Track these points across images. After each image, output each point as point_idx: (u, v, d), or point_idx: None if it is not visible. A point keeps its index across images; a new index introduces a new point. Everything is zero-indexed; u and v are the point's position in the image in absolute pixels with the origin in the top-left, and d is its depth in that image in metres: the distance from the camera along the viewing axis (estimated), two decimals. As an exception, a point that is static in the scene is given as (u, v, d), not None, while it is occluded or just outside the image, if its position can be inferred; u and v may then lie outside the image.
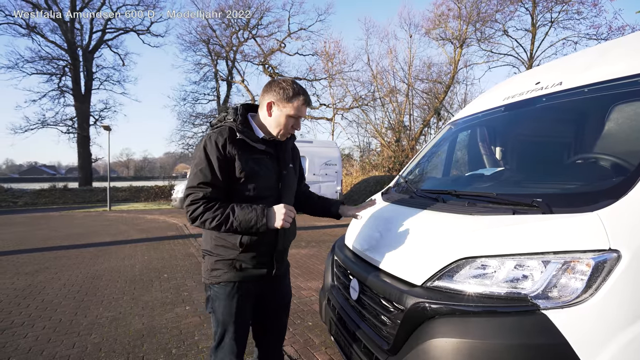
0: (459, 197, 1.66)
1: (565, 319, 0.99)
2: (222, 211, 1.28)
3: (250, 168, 1.33)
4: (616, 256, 1.01)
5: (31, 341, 2.61)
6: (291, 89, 1.37)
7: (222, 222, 1.27)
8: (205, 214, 1.27)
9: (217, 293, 1.40)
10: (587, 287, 1.01)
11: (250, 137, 1.34)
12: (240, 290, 1.41)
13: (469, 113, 2.52)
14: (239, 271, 1.39)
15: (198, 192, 1.29)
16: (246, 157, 1.33)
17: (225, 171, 1.30)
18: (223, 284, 1.39)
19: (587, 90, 1.63)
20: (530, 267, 1.11)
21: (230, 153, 1.30)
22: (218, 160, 1.28)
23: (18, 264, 5.00)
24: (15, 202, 16.32)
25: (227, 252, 1.37)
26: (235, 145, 1.31)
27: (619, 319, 0.98)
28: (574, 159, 1.69)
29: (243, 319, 1.44)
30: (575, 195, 1.30)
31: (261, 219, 1.27)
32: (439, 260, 1.28)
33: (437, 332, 1.13)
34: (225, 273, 1.39)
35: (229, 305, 1.39)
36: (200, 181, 1.29)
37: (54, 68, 21.34)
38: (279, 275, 1.53)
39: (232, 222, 1.27)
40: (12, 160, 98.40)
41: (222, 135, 1.31)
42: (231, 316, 1.39)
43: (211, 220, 1.27)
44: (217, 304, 1.41)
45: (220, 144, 1.29)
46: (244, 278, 1.41)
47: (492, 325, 1.06)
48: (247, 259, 1.39)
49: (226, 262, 1.38)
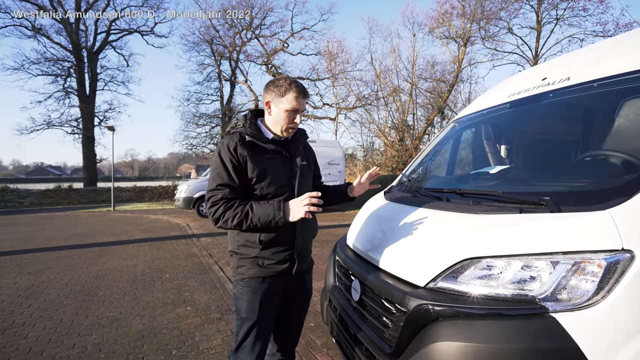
0: (463, 195, 1.62)
1: (575, 323, 0.95)
2: (241, 209, 1.34)
3: (262, 168, 1.39)
4: (629, 257, 0.97)
5: (32, 341, 2.60)
6: (284, 84, 1.41)
7: (242, 220, 1.33)
8: (226, 214, 1.34)
9: (241, 290, 1.45)
10: (598, 289, 0.96)
11: (259, 138, 1.41)
12: (264, 285, 1.44)
13: (473, 110, 2.47)
14: (262, 268, 1.44)
15: (217, 193, 1.35)
16: (257, 157, 1.39)
17: (239, 172, 1.37)
18: (247, 280, 1.44)
19: (597, 85, 1.58)
20: (538, 268, 1.07)
21: (242, 155, 1.37)
22: (232, 162, 1.36)
23: (21, 264, 5.02)
24: (21, 203, 16.47)
25: (249, 250, 1.43)
26: (246, 147, 1.38)
27: (632, 323, 0.93)
28: (583, 156, 1.64)
29: (266, 317, 1.46)
30: (585, 193, 1.25)
31: (278, 213, 1.32)
32: (442, 261, 1.24)
33: (441, 336, 1.09)
34: (249, 269, 1.44)
35: (252, 300, 1.42)
36: (217, 183, 1.36)
37: (59, 69, 21.52)
38: (301, 272, 1.56)
39: (252, 219, 1.33)
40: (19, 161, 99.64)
41: (233, 140, 1.39)
42: (254, 312, 1.42)
43: (232, 219, 1.33)
44: (240, 300, 1.44)
45: (232, 148, 1.37)
46: (268, 274, 1.45)
47: (498, 329, 1.02)
48: (268, 255, 1.43)
49: (250, 260, 1.44)
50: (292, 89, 1.40)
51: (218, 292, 3.67)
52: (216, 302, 3.40)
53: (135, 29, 23.54)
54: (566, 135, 1.81)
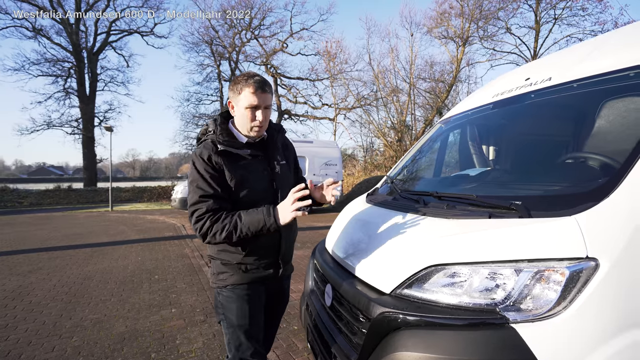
0: (440, 199, 1.58)
1: (535, 334, 0.90)
2: (229, 220, 1.27)
3: (240, 175, 1.33)
4: (594, 265, 0.92)
5: (11, 344, 2.57)
6: (241, 80, 1.33)
7: (231, 231, 1.26)
8: (214, 227, 1.26)
9: (228, 297, 1.39)
10: (560, 298, 0.92)
11: (232, 145, 1.34)
12: (250, 290, 1.40)
13: (459, 111, 2.43)
14: (246, 273, 1.39)
15: (201, 206, 1.28)
16: (233, 165, 1.33)
17: (218, 181, 1.30)
18: (231, 286, 1.38)
19: (576, 85, 1.54)
20: (503, 277, 1.02)
21: (218, 163, 1.30)
22: (208, 172, 1.29)
23: (12, 265, 5.01)
24: (21, 203, 16.53)
25: (231, 256, 1.37)
26: (221, 155, 1.32)
27: (595, 335, 0.88)
28: (562, 159, 1.59)
29: (258, 319, 1.42)
30: (556, 197, 1.21)
31: (269, 219, 1.26)
32: (408, 267, 1.20)
33: (401, 345, 1.05)
34: (232, 276, 1.38)
35: (241, 306, 1.37)
36: (199, 195, 1.28)
37: (59, 70, 21.62)
38: (284, 278, 1.55)
39: (242, 229, 1.26)
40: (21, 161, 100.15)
41: (206, 149, 1.32)
42: (245, 317, 1.36)
43: (220, 232, 1.26)
44: (228, 308, 1.38)
45: (206, 157, 1.30)
46: (252, 280, 1.40)
47: (458, 340, 0.98)
48: (252, 261, 1.38)
49: (232, 266, 1.38)
50: (247, 84, 1.30)
51: (205, 294, 3.64)
52: (202, 304, 3.36)
53: (135, 29, 23.63)
54: (547, 136, 1.76)
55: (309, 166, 11.32)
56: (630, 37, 1.53)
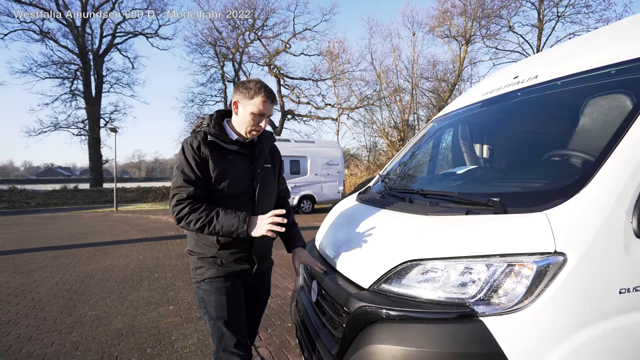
0: (425, 196, 1.60)
1: (501, 327, 0.92)
2: (206, 214, 1.33)
3: (222, 168, 1.39)
4: (562, 260, 0.94)
5: (13, 339, 2.65)
6: (254, 87, 1.41)
7: (205, 224, 1.33)
8: (191, 215, 1.34)
9: (206, 290, 1.44)
10: (527, 292, 0.94)
11: (222, 139, 1.41)
12: (227, 282, 1.45)
13: (452, 109, 2.45)
14: (222, 267, 1.44)
15: (182, 192, 1.35)
16: (218, 157, 1.39)
17: (202, 170, 1.38)
18: (208, 280, 1.43)
19: (560, 83, 1.55)
20: (475, 271, 1.04)
21: (205, 154, 1.38)
22: (195, 160, 1.36)
23: (17, 263, 5.12)
24: (28, 203, 16.83)
25: (207, 249, 1.44)
26: (208, 147, 1.39)
27: (560, 328, 0.90)
28: (545, 156, 1.60)
29: (237, 311, 1.46)
30: (532, 194, 1.22)
31: (242, 226, 1.33)
32: (386, 263, 1.22)
33: (376, 339, 1.08)
34: (208, 270, 1.44)
35: (219, 298, 1.42)
36: (183, 179, 1.36)
37: (65, 72, 21.97)
38: (261, 272, 1.57)
39: (215, 226, 1.33)
40: (30, 162, 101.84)
41: (196, 139, 1.39)
42: (224, 309, 1.42)
43: (195, 222, 1.33)
44: (207, 301, 1.44)
45: (195, 146, 1.38)
46: (228, 273, 1.45)
47: (429, 332, 1.00)
48: (226, 255, 1.44)
49: (208, 259, 1.44)
50: (260, 93, 1.40)
51: (203, 292, 3.69)
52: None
53: (140, 31, 23.89)
54: (530, 134, 1.77)
55: (310, 166, 11.34)
56: (614, 34, 1.53)
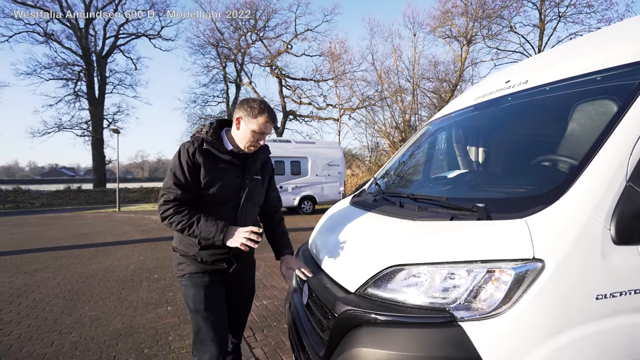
0: (416, 200, 1.62)
1: (479, 332, 0.94)
2: (188, 218, 1.42)
3: (213, 176, 1.46)
4: (540, 266, 0.96)
5: (14, 339, 2.70)
6: (257, 107, 1.48)
7: (186, 227, 1.42)
8: (174, 217, 1.43)
9: (186, 285, 1.53)
10: (505, 298, 0.96)
11: (217, 148, 1.48)
12: (205, 278, 1.53)
13: (446, 112, 2.46)
14: (201, 264, 1.53)
15: (170, 193, 1.43)
16: (210, 165, 1.47)
17: (193, 176, 1.45)
18: (188, 275, 1.52)
19: (549, 89, 1.57)
20: (457, 277, 1.06)
21: (198, 161, 1.44)
22: (188, 165, 1.43)
23: (20, 263, 5.19)
24: (32, 203, 16.99)
25: (189, 248, 1.52)
26: (203, 154, 1.46)
27: (536, 333, 0.92)
28: (532, 162, 1.62)
29: (215, 305, 1.53)
30: (513, 200, 1.24)
31: (219, 235, 1.41)
32: (372, 267, 1.24)
33: (359, 342, 1.10)
34: (189, 265, 1.53)
35: (197, 292, 1.50)
36: (173, 181, 1.43)
37: (69, 73, 22.18)
38: (241, 272, 1.64)
39: (194, 230, 1.42)
40: (34, 163, 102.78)
41: (193, 145, 1.46)
42: (201, 303, 1.49)
43: (177, 224, 1.43)
44: (187, 295, 1.53)
45: (190, 152, 1.44)
46: (207, 269, 1.54)
47: (409, 337, 1.02)
48: (206, 255, 1.52)
49: (189, 257, 1.53)
50: (264, 114, 1.47)
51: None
52: (197, 302, 3.45)
53: (142, 32, 24.05)
54: (520, 139, 1.78)
55: (311, 167, 11.37)
56: (604, 39, 1.54)
